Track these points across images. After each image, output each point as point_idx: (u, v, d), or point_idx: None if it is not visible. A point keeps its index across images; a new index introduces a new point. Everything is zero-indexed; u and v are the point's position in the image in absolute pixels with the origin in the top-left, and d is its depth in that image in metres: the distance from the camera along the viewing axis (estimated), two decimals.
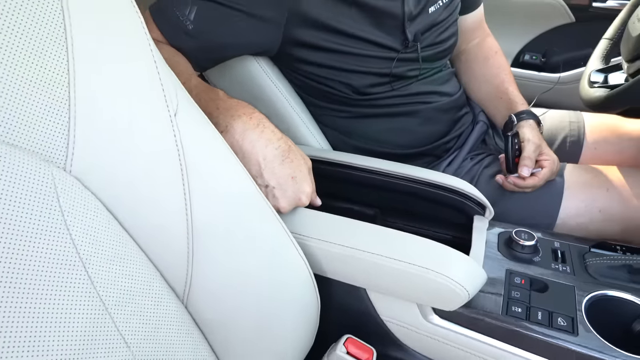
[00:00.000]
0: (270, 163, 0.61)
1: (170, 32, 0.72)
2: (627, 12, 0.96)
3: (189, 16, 0.69)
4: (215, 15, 0.71)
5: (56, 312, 0.34)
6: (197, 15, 0.70)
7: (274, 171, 0.61)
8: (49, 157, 0.35)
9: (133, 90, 0.41)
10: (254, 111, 0.63)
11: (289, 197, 0.62)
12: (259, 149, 0.61)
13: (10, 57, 0.33)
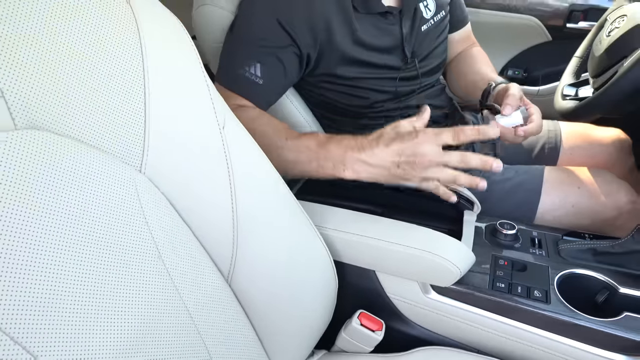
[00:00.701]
0: (383, 153, 0.71)
1: (248, 94, 0.85)
2: (593, 34, 1.09)
3: (256, 73, 0.83)
4: (277, 64, 0.85)
5: (137, 289, 0.44)
6: (262, 70, 0.83)
7: (388, 153, 0.71)
8: (129, 160, 0.45)
9: (192, 109, 0.52)
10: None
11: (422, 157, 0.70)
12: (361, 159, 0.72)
13: (107, 88, 0.43)
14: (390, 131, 0.72)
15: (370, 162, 0.72)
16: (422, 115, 0.74)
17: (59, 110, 0.39)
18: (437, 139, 0.69)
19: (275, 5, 0.83)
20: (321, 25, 0.84)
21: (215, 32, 0.96)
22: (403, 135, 0.71)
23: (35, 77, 0.38)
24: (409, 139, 0.70)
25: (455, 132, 0.70)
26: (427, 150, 0.69)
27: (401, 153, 0.70)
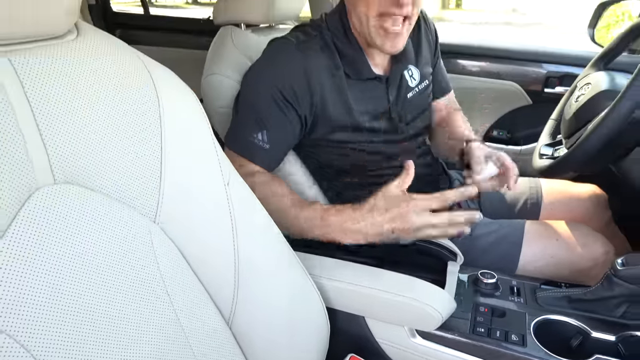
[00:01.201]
0: (378, 223, 0.82)
1: (256, 159, 0.95)
2: (565, 99, 1.20)
3: (263, 139, 0.93)
4: (281, 129, 0.95)
5: (147, 325, 0.50)
6: (268, 136, 0.93)
7: (383, 221, 0.81)
8: (146, 212, 0.52)
9: (201, 167, 0.60)
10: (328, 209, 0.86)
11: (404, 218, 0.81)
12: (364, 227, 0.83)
13: (130, 149, 0.51)
14: (382, 200, 0.82)
15: (367, 231, 0.83)
16: (408, 173, 0.84)
17: (90, 168, 0.47)
18: (425, 206, 0.80)
19: (275, 76, 0.93)
20: (317, 92, 0.94)
21: (221, 98, 1.07)
22: (394, 205, 0.81)
23: (73, 140, 0.45)
24: (400, 209, 0.81)
25: (441, 198, 0.81)
26: (417, 219, 0.80)
27: (394, 221, 0.81)
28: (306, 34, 0.98)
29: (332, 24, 1.00)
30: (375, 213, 0.82)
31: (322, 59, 0.96)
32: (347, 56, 0.98)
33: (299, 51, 0.94)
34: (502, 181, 0.96)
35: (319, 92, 0.94)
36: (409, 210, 0.80)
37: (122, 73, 0.52)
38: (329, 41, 0.98)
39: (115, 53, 0.53)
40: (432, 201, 0.81)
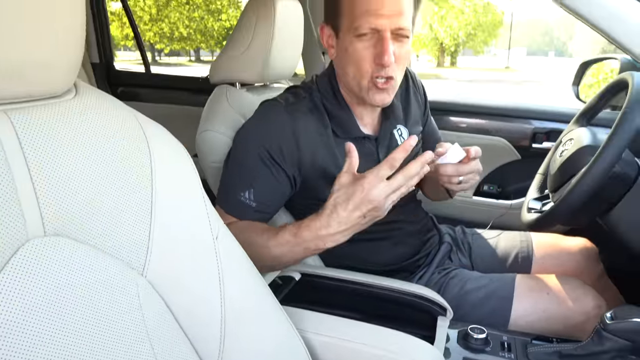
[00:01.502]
0: (347, 217, 0.82)
1: (244, 217, 0.97)
2: (551, 154, 1.23)
3: (250, 197, 0.95)
4: (269, 188, 0.97)
5: None
6: (255, 194, 0.96)
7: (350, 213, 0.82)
8: (134, 265, 0.53)
9: (190, 222, 0.61)
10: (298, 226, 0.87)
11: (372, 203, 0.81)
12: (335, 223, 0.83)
13: (121, 203, 0.53)
14: (340, 194, 0.83)
15: (342, 229, 0.84)
16: (351, 155, 0.85)
17: (80, 221, 0.48)
18: (379, 178, 0.80)
19: (264, 136, 0.97)
20: (306, 153, 0.98)
21: (215, 154, 1.10)
22: (351, 193, 0.81)
23: (65, 194, 0.47)
24: (358, 193, 0.81)
25: (388, 162, 0.81)
26: (377, 193, 0.80)
27: (360, 207, 0.81)
28: (296, 95, 1.03)
29: (322, 85, 1.05)
30: (339, 209, 0.82)
31: (310, 120, 1.00)
32: (336, 117, 1.02)
33: (287, 113, 0.98)
34: (470, 168, 0.95)
35: (307, 152, 0.97)
36: (367, 191, 0.80)
37: (117, 130, 0.54)
38: (318, 103, 1.02)
39: (111, 111, 0.55)
40: (382, 169, 0.81)
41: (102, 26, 2.41)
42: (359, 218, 0.82)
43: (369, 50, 0.93)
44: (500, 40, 34.87)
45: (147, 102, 2.37)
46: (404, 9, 0.92)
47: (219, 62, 1.21)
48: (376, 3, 0.90)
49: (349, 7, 0.94)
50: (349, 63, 0.97)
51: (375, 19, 0.90)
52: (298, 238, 0.86)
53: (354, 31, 0.93)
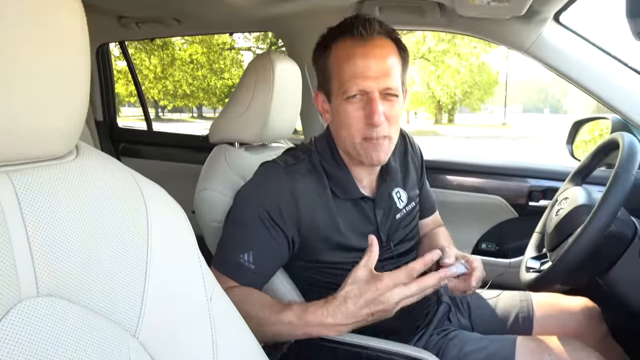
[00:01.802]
0: (355, 311, 0.84)
1: (242, 279, 0.97)
2: (547, 212, 1.23)
3: (249, 260, 0.95)
4: (268, 250, 0.98)
5: None
6: (254, 256, 0.96)
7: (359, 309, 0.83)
8: (126, 326, 0.52)
9: (184, 283, 0.61)
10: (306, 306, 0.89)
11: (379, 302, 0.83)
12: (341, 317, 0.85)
13: (116, 265, 0.52)
14: (353, 288, 0.84)
15: (347, 322, 0.85)
16: (371, 250, 0.87)
17: (74, 281, 0.48)
18: (395, 283, 0.82)
19: (263, 198, 0.98)
20: (304, 214, 0.98)
21: (212, 212, 1.10)
22: (366, 290, 0.83)
23: (60, 254, 0.47)
24: (372, 292, 0.82)
25: (407, 271, 0.84)
26: (390, 296, 0.82)
27: (370, 306, 0.83)
28: (295, 157, 1.05)
29: (320, 147, 1.07)
30: (349, 303, 0.84)
31: (309, 181, 1.01)
32: (335, 178, 1.04)
33: (286, 174, 1.00)
34: (468, 283, 0.99)
35: (306, 213, 0.98)
36: (381, 293, 0.82)
37: (115, 191, 0.55)
38: (317, 164, 1.04)
39: (110, 172, 0.56)
40: (400, 276, 0.83)
41: (108, 86, 2.49)
42: (367, 315, 0.84)
43: (359, 111, 0.96)
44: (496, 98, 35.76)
45: (149, 159, 2.40)
46: (391, 70, 0.96)
47: (219, 123, 1.24)
48: (362, 66, 0.94)
49: (338, 72, 0.98)
50: (341, 125, 1.00)
51: (363, 81, 0.94)
52: (301, 321, 0.86)
53: (344, 94, 0.96)
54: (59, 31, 0.46)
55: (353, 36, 0.96)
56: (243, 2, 1.44)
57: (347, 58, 0.96)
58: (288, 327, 0.88)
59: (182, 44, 17.39)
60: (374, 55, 0.95)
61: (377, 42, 0.96)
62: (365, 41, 0.95)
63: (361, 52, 0.95)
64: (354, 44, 0.96)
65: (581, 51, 1.37)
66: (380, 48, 0.96)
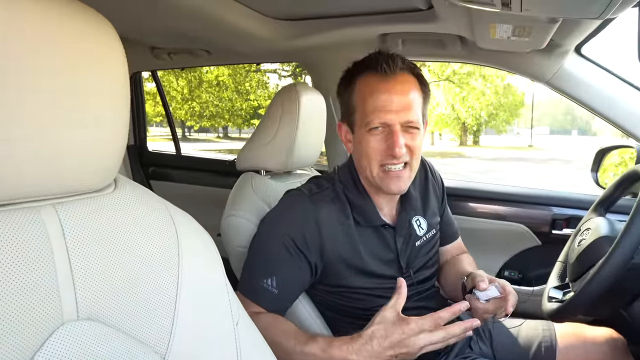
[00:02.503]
0: (380, 352, 0.85)
1: (265, 303, 1.00)
2: (570, 242, 1.23)
3: (272, 284, 0.98)
4: (291, 276, 1.01)
5: None
6: (277, 281, 0.99)
7: (384, 350, 0.85)
8: (157, 349, 0.55)
9: (212, 307, 0.64)
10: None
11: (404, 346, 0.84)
12: None
13: (149, 291, 0.56)
14: (379, 328, 0.85)
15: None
16: (400, 293, 0.89)
17: (111, 306, 0.52)
18: (421, 329, 0.84)
19: (288, 225, 1.02)
20: (327, 241, 1.01)
21: (238, 237, 1.14)
22: (391, 332, 0.84)
23: (99, 280, 0.51)
24: (397, 335, 0.83)
25: (434, 319, 0.85)
26: (416, 341, 0.84)
27: (394, 348, 0.84)
28: (319, 185, 1.09)
29: (343, 176, 1.11)
30: (374, 342, 0.85)
31: (332, 210, 1.04)
32: (357, 206, 1.07)
33: (310, 202, 1.04)
34: (501, 306, 1.00)
35: (329, 240, 1.01)
36: (407, 337, 0.83)
37: (149, 221, 0.59)
38: (340, 193, 1.08)
39: (145, 204, 0.60)
40: (427, 323, 0.85)
41: (139, 112, 2.59)
42: (391, 356, 0.85)
43: (381, 143, 1.00)
44: (523, 119, 35.37)
45: (177, 182, 2.47)
46: (412, 104, 1.00)
47: (246, 151, 1.29)
48: (385, 101, 0.98)
49: (361, 106, 1.02)
50: (363, 155, 1.03)
51: (385, 114, 0.98)
52: (326, 354, 0.88)
53: (366, 126, 1.00)
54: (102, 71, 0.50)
55: (377, 72, 1.00)
56: (270, 36, 1.50)
57: (371, 93, 1.00)
58: (312, 359, 0.89)
59: (209, 67, 17.78)
60: (396, 90, 0.99)
61: (400, 78, 1.00)
62: (388, 77, 0.99)
63: (384, 88, 0.99)
64: (378, 80, 1.00)
65: (603, 82, 1.38)
66: (402, 84, 1.00)
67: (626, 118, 1.35)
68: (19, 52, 0.42)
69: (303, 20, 1.46)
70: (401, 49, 1.56)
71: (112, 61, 0.52)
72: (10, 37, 0.42)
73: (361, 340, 0.86)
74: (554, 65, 1.38)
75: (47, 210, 0.49)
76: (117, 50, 0.52)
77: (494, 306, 1.00)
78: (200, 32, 1.48)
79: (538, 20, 0.99)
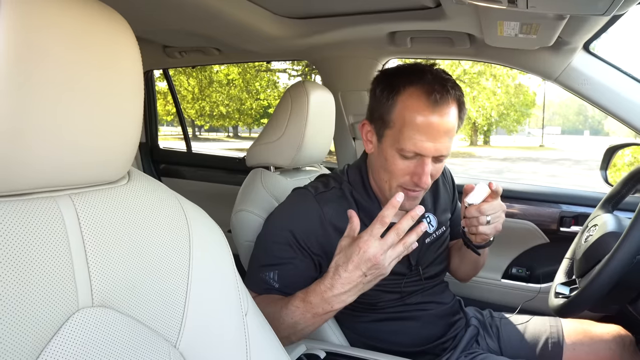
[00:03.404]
0: (348, 277, 0.86)
1: (264, 293, 1.02)
2: (578, 238, 1.23)
3: (274, 278, 1.00)
4: (293, 271, 1.02)
5: None
6: (279, 276, 1.01)
7: (351, 272, 0.85)
8: (168, 337, 0.57)
9: (222, 298, 0.65)
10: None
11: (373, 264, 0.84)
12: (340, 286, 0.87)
13: (161, 279, 0.58)
14: (340, 256, 0.87)
15: (345, 289, 0.86)
16: (352, 220, 0.89)
17: (124, 293, 0.54)
18: (373, 237, 0.84)
19: (292, 222, 1.03)
20: (332, 240, 1.02)
21: (248, 232, 1.16)
22: (350, 253, 0.85)
23: (113, 268, 0.53)
24: (355, 253, 0.84)
25: (379, 219, 0.85)
26: (373, 251, 0.83)
27: (359, 267, 0.84)
28: (326, 185, 1.09)
29: (352, 177, 1.11)
30: (340, 270, 0.86)
31: (338, 210, 1.05)
32: (365, 208, 1.07)
33: (316, 201, 1.05)
34: (496, 205, 1.00)
35: (333, 239, 1.02)
36: (363, 250, 0.83)
37: (162, 213, 0.61)
38: (347, 193, 1.08)
39: (158, 196, 0.62)
40: (375, 229, 0.84)
41: (151, 110, 2.62)
42: (361, 277, 0.85)
43: (408, 168, 0.99)
44: (534, 119, 35.09)
45: (188, 179, 2.50)
46: (451, 139, 0.98)
47: (256, 147, 1.31)
48: (427, 133, 0.94)
49: (400, 123, 0.96)
50: (385, 170, 1.02)
51: (422, 147, 0.95)
52: (306, 303, 0.89)
53: (399, 149, 0.97)
54: (118, 67, 0.52)
55: (427, 95, 0.94)
56: (280, 34, 1.51)
57: (415, 118, 0.95)
58: (297, 313, 0.90)
59: (219, 65, 17.83)
60: (442, 125, 0.95)
61: (447, 110, 0.96)
62: (438, 106, 0.94)
63: (430, 120, 0.94)
64: (426, 106, 0.94)
65: (612, 79, 1.37)
66: (448, 116, 0.96)
67: (635, 115, 1.35)
68: (40, 47, 0.44)
69: (312, 19, 1.47)
70: (410, 47, 1.57)
71: (128, 56, 0.54)
72: (31, 33, 0.43)
73: (329, 275, 0.87)
74: (562, 62, 1.38)
75: (64, 200, 0.51)
76: (132, 47, 0.54)
77: (486, 207, 1.00)
78: (211, 30, 1.50)
79: (545, 18, 0.99)
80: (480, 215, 0.99)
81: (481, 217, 1.00)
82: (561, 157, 21.08)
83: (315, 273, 1.05)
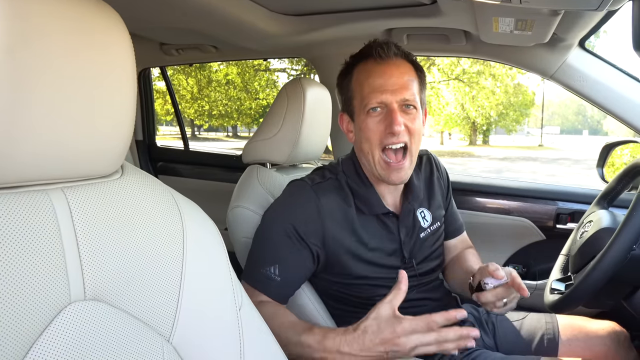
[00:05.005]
0: (371, 347, 0.85)
1: (268, 291, 1.02)
2: (573, 234, 1.24)
3: (275, 272, 1.00)
4: (293, 264, 1.02)
5: None
6: (280, 269, 1.01)
7: (375, 345, 0.85)
8: (162, 331, 0.57)
9: (216, 293, 0.65)
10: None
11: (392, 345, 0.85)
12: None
13: (154, 273, 0.58)
14: (373, 324, 0.86)
15: (362, 354, 0.87)
16: (399, 288, 0.88)
17: (117, 287, 0.54)
18: (413, 330, 0.84)
19: (290, 214, 1.04)
20: (330, 230, 1.03)
21: (244, 228, 1.16)
22: (384, 329, 0.85)
23: (105, 261, 0.53)
24: (389, 333, 0.84)
25: (427, 322, 0.84)
26: (407, 341, 0.84)
27: (385, 345, 0.85)
28: (322, 176, 1.10)
29: (346, 167, 1.12)
30: (366, 337, 0.86)
31: (335, 199, 1.06)
32: (360, 195, 1.08)
33: (313, 191, 1.05)
34: (508, 292, 0.97)
35: (331, 229, 1.03)
36: (398, 336, 0.84)
37: (155, 207, 0.61)
38: (343, 183, 1.09)
39: (152, 190, 0.62)
40: (419, 325, 0.84)
41: (148, 108, 2.62)
42: (382, 353, 0.86)
43: (380, 124, 1.02)
44: (533, 119, 35.13)
45: (185, 177, 2.50)
46: (408, 85, 1.03)
47: (252, 144, 1.31)
48: (381, 81, 1.02)
49: (359, 90, 1.06)
50: (363, 140, 1.05)
51: (381, 94, 1.01)
52: (320, 346, 0.90)
53: (365, 108, 1.04)
54: (110, 61, 0.52)
55: (372, 57, 1.05)
56: (277, 31, 1.52)
57: (367, 76, 1.05)
58: (308, 350, 0.91)
59: (218, 65, 17.83)
60: (392, 71, 1.03)
61: (394, 62, 1.04)
62: (384, 61, 1.04)
63: (380, 70, 1.04)
64: (373, 64, 1.05)
65: (607, 76, 1.38)
66: (397, 66, 1.04)
67: (631, 112, 1.35)
68: (30, 40, 0.44)
69: (309, 16, 1.48)
70: (406, 44, 1.57)
71: (120, 51, 0.54)
72: (22, 26, 0.43)
73: (354, 334, 0.87)
74: (557, 59, 1.38)
75: (56, 194, 0.51)
76: (124, 40, 0.54)
77: (502, 293, 0.98)
78: (208, 28, 1.50)
79: (539, 14, 1.00)
80: (497, 301, 0.99)
81: (498, 302, 0.99)
82: (560, 156, 21.11)
83: (313, 265, 1.05)
